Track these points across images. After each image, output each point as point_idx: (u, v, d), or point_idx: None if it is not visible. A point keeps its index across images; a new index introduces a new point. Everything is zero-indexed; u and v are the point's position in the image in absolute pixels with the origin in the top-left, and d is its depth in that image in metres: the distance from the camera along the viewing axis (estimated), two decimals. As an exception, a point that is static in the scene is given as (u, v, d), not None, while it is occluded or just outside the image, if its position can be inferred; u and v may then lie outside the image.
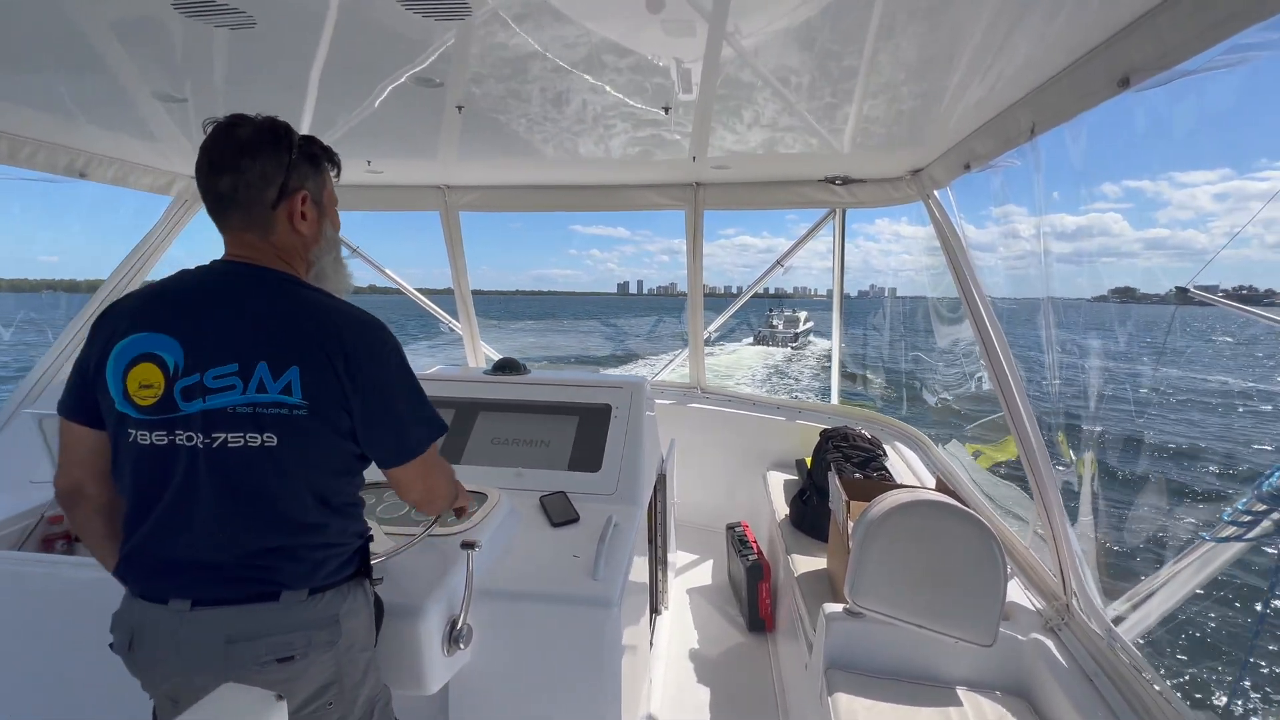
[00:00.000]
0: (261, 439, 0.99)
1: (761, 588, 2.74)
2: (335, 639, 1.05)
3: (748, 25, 1.39)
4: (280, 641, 1.00)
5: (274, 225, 1.08)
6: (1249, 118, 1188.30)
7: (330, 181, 1.20)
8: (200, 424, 0.98)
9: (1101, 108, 1.36)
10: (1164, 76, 1.11)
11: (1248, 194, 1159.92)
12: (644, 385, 2.33)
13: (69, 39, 1.50)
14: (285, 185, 1.07)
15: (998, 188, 2.05)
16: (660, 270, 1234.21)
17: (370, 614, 1.16)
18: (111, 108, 2.04)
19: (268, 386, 0.98)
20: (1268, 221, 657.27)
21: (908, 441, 3.19)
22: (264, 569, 1.01)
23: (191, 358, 0.99)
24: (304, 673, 1.02)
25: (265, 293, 1.04)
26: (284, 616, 1.01)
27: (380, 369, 1.05)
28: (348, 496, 1.11)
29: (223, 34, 1.46)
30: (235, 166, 1.04)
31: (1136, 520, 8.09)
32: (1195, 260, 55.97)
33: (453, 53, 1.55)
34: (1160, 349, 15.41)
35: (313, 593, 1.04)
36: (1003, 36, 1.35)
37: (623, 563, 1.62)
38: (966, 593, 1.58)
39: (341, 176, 1.27)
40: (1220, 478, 12.94)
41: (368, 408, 1.04)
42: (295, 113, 2.06)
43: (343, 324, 1.04)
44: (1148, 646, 1.47)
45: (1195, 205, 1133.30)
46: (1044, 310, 1.70)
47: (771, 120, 2.10)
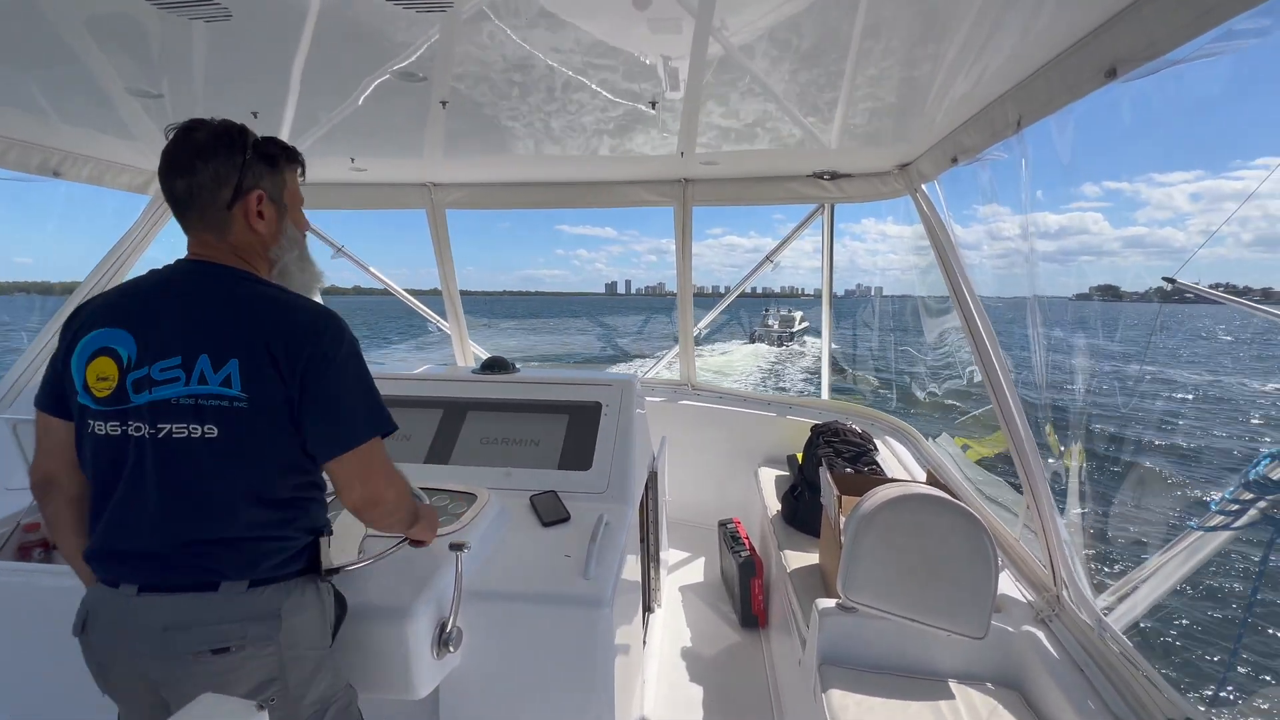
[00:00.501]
0: (203, 430, 1.01)
1: (754, 584, 2.74)
2: (274, 634, 1.04)
3: (734, 21, 1.38)
4: (215, 632, 1.01)
5: (230, 225, 1.11)
6: (1224, 119, 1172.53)
7: (292, 181, 1.20)
8: (148, 415, 1.02)
9: (1086, 100, 1.37)
10: (1151, 66, 1.11)
11: (1222, 194, 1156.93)
12: (634, 383, 2.31)
13: (40, 34, 1.46)
14: (240, 185, 1.10)
15: (985, 183, 2.05)
16: (648, 270, 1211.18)
17: (322, 612, 1.15)
18: (86, 104, 1.99)
19: (208, 378, 1.01)
20: (1243, 220, 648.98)
21: (898, 436, 3.20)
22: (204, 558, 1.03)
23: (143, 351, 1.03)
24: (240, 666, 1.02)
25: (215, 288, 1.07)
26: (221, 607, 1.02)
27: (323, 360, 1.05)
28: (293, 492, 1.10)
29: (200, 28, 1.42)
30: (190, 169, 1.07)
31: (1117, 511, 8.23)
32: (1174, 258, 56.99)
33: (436, 47, 1.52)
34: (1145, 345, 15.82)
35: (253, 585, 1.05)
36: (988, 30, 1.35)
37: (614, 562, 1.60)
38: (958, 586, 1.58)
39: (323, 174, 1.26)
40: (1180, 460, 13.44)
41: (305, 396, 1.05)
42: (276, 109, 2.02)
43: (288, 316, 1.06)
44: (1138, 635, 1.48)
45: (1172, 205, 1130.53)
46: (1030, 307, 1.70)
47: (759, 116, 2.10)
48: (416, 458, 2.11)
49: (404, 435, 2.21)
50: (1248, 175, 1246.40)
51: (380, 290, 4.15)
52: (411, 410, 2.28)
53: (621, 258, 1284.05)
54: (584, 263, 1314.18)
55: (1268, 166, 3.63)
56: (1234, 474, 3.14)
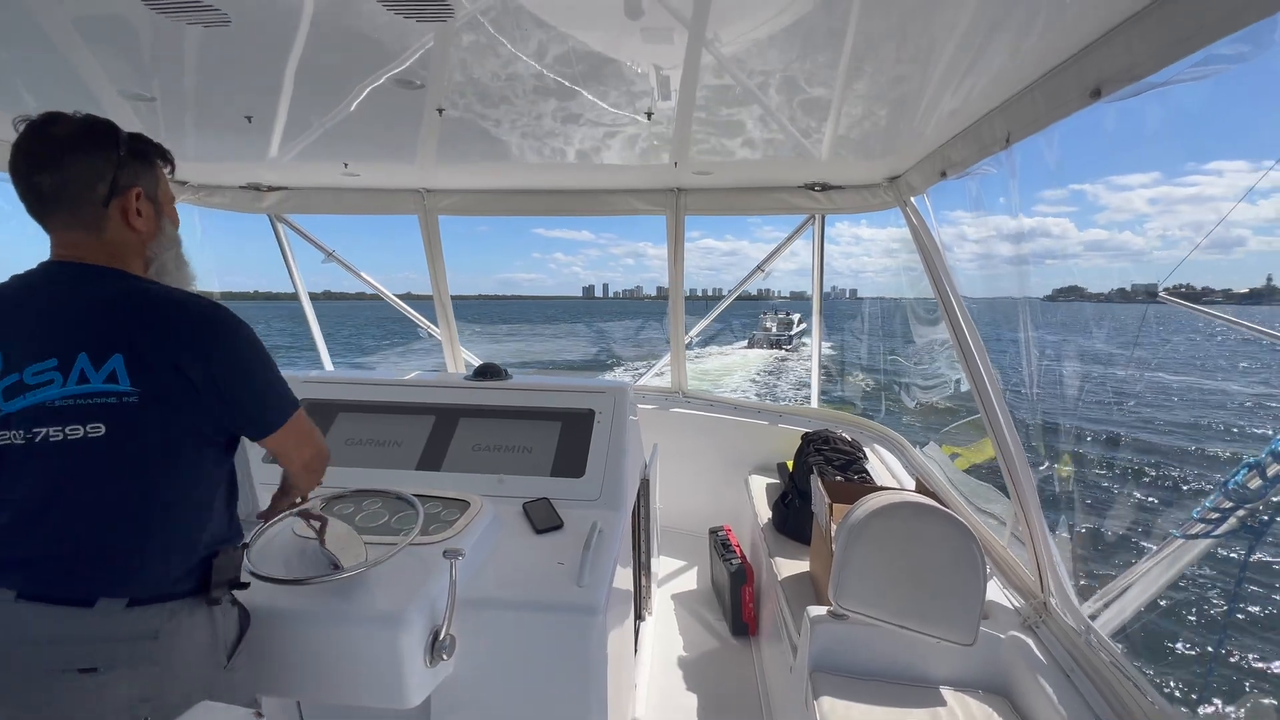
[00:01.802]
0: (85, 430, 0.97)
1: (745, 592, 2.75)
2: (150, 655, 0.99)
3: (727, 33, 1.40)
4: (84, 651, 0.96)
5: (105, 223, 1.07)
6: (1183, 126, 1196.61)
7: (164, 178, 1.18)
8: (19, 421, 0.97)
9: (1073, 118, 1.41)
10: (1134, 88, 1.15)
11: (1174, 198, 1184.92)
12: (627, 390, 2.32)
13: (29, 33, 1.45)
14: (116, 182, 1.06)
15: (973, 194, 2.09)
16: (626, 274, 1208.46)
17: (213, 633, 1.10)
18: (75, 106, 1.97)
19: (90, 377, 0.97)
20: (1196, 224, 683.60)
21: (886, 444, 3.23)
22: (82, 570, 0.98)
23: (9, 358, 0.98)
24: (106, 686, 0.96)
25: (90, 287, 1.03)
26: (94, 625, 0.97)
27: (224, 345, 1.06)
28: (187, 499, 1.07)
29: (195, 31, 1.42)
30: (56, 164, 1.02)
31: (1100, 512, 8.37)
32: (1133, 260, 57.53)
33: (434, 55, 1.53)
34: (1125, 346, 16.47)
35: (133, 604, 0.99)
36: (976, 49, 1.38)
37: (607, 569, 1.60)
38: (948, 593, 1.60)
39: (315, 178, 1.27)
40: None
41: (226, 381, 1.04)
42: (270, 113, 2.01)
43: (176, 307, 1.04)
44: (1124, 642, 1.50)
45: (1131, 208, 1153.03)
46: (1022, 313, 1.74)
47: (751, 127, 2.12)
48: (408, 465, 2.10)
49: (395, 442, 2.20)
50: (1201, 180, 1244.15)
51: (359, 295, 4.13)
52: (403, 417, 2.27)
53: (599, 261, 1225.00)
54: (561, 266, 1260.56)
55: (1220, 171, 3.69)
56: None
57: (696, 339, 4.01)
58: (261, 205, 3.32)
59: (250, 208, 3.33)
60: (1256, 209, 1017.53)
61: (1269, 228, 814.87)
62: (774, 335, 49.56)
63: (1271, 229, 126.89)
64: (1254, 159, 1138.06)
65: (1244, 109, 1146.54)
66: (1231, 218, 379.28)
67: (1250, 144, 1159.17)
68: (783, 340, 48.44)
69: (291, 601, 1.31)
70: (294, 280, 4.01)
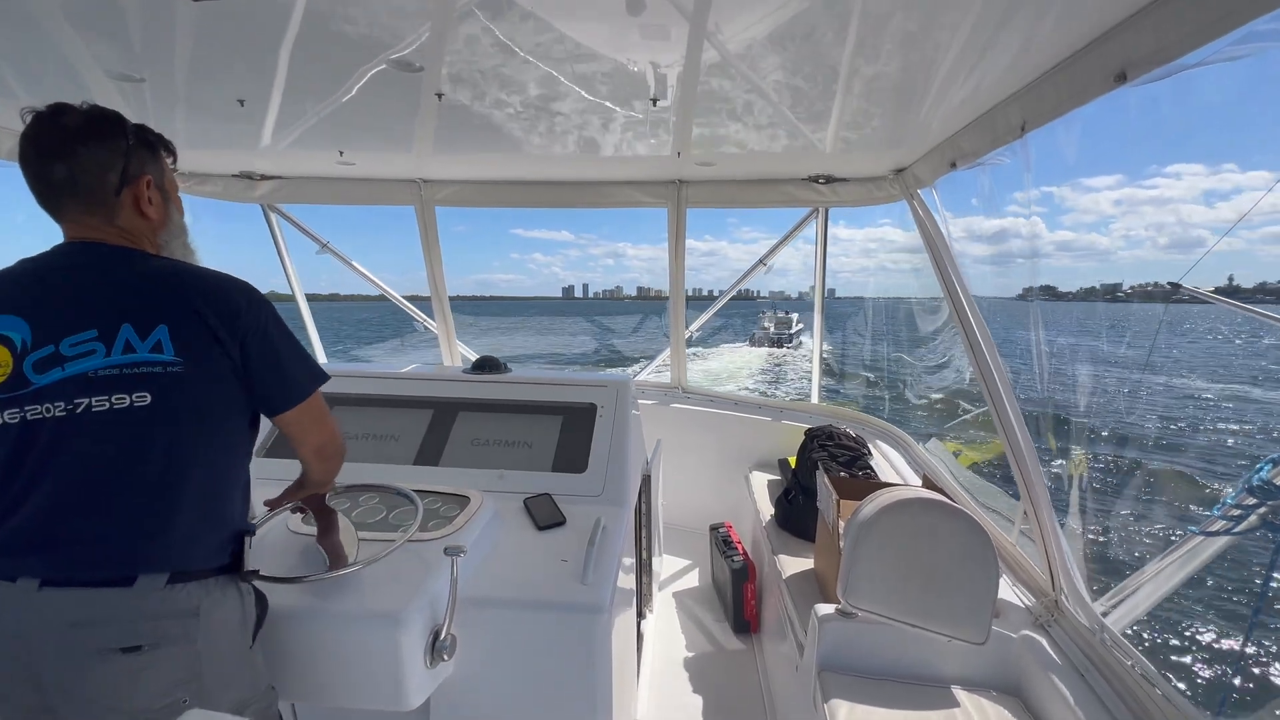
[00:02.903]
0: (131, 399, 0.98)
1: (747, 589, 2.72)
2: (192, 633, 1.00)
3: (729, 25, 1.37)
4: (128, 629, 0.96)
5: (118, 210, 1.08)
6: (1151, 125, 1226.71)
7: (169, 168, 1.20)
8: (60, 392, 0.97)
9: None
10: (1162, 71, 1.11)
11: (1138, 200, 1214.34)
12: (629, 384, 2.28)
13: (12, 11, 1.39)
14: (126, 170, 1.08)
15: (982, 186, 2.06)
16: (605, 274, 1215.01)
17: (243, 613, 1.12)
18: (60, 88, 1.91)
19: (135, 346, 0.99)
20: (1158, 225, 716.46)
21: (889, 440, 3.20)
22: (121, 547, 0.98)
23: (41, 331, 0.98)
24: (151, 665, 0.97)
25: (118, 263, 1.05)
26: (137, 603, 0.97)
27: (255, 317, 1.08)
28: (230, 472, 1.10)
29: (186, 8, 1.36)
30: (69, 153, 1.03)
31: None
32: (1099, 260, 58.44)
33: (435, 37, 1.48)
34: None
35: (173, 580, 1.00)
36: (990, 35, 1.34)
37: (611, 566, 1.56)
38: (959, 591, 1.57)
39: (309, 167, 1.23)
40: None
41: (249, 353, 1.06)
42: (263, 97, 1.95)
43: (207, 280, 1.07)
44: (1138, 640, 1.47)
45: (1097, 209, 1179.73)
46: (1033, 311, 1.71)
47: (753, 118, 2.09)
48: (405, 459, 2.05)
49: (392, 436, 2.15)
50: (1162, 183, 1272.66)
51: (346, 296, 4.07)
52: (400, 410, 2.22)
53: (578, 261, 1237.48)
54: (540, 266, 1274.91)
55: (1179, 175, 3.67)
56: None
57: (697, 333, 3.97)
58: (254, 194, 3.25)
59: (242, 197, 3.26)
60: (1215, 211, 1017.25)
61: (1226, 229, 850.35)
62: (773, 334, 50.03)
63: (1231, 230, 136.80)
64: (1210, 163, 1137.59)
65: (1207, 113, 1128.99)
66: (1190, 219, 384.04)
67: (1204, 148, 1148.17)
68: (783, 339, 48.86)
69: (286, 600, 1.26)
70: (287, 274, 3.94)
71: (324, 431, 1.23)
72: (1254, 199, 11.90)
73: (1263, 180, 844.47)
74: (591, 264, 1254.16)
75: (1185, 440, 19.31)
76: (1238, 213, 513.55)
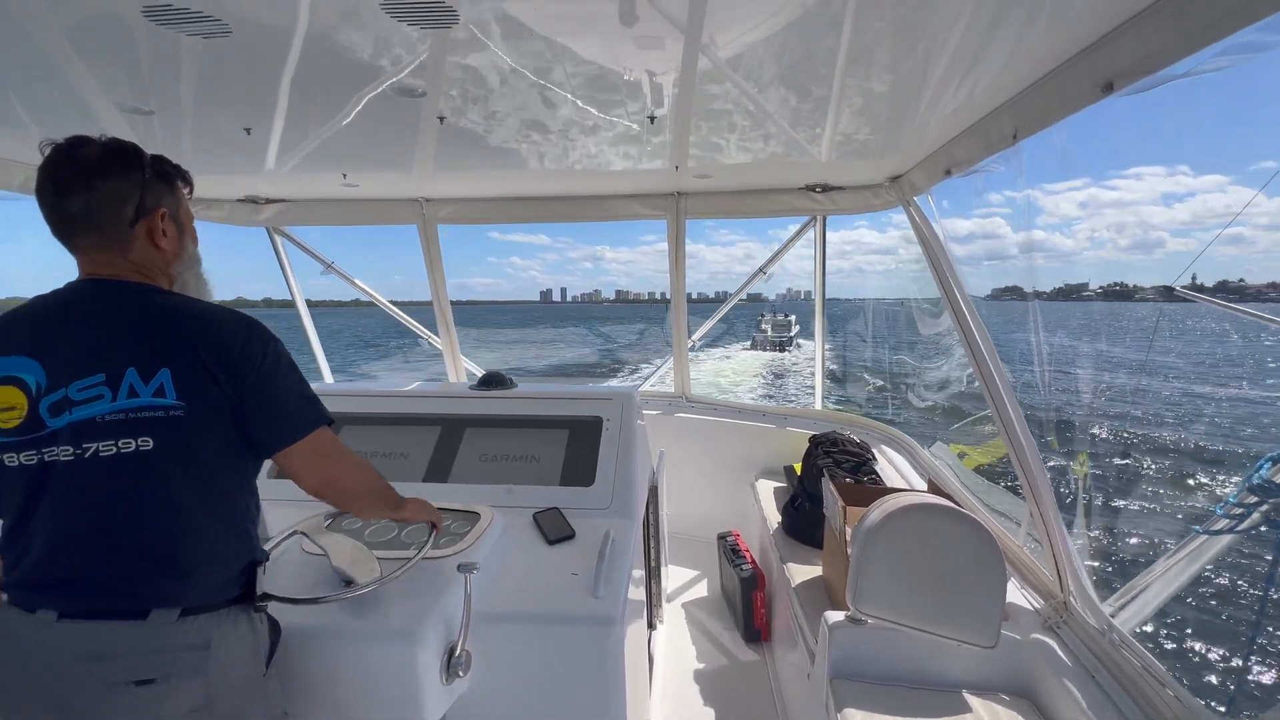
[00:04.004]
0: (136, 443, 0.99)
1: (756, 597, 2.72)
2: (203, 665, 1.02)
3: (723, 37, 1.40)
4: (140, 663, 0.98)
5: (132, 243, 1.09)
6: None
7: (185, 199, 1.21)
8: (69, 437, 0.99)
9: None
10: (1148, 81, 1.14)
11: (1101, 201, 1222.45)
12: (634, 396, 2.30)
13: (25, 47, 1.43)
14: (142, 203, 1.09)
15: (974, 192, 2.09)
16: (584, 277, 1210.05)
17: (255, 642, 1.13)
18: (71, 122, 1.95)
19: (139, 391, 1.00)
20: (1119, 226, 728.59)
21: (894, 445, 3.21)
22: (134, 583, 1.00)
23: (54, 374, 1.00)
24: (164, 698, 0.98)
25: (126, 303, 1.06)
26: (148, 637, 0.99)
27: (255, 358, 1.08)
28: (236, 508, 1.11)
29: (194, 42, 1.40)
30: (86, 186, 1.04)
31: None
32: (1063, 261, 58.78)
33: (436, 62, 1.52)
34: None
35: (185, 614, 1.02)
36: (979, 45, 1.37)
37: (622, 579, 1.58)
38: (967, 595, 1.58)
39: (313, 189, 1.25)
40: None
41: (245, 394, 1.06)
42: (267, 123, 1.99)
43: (211, 321, 1.07)
44: (1148, 640, 1.48)
45: (1060, 212, 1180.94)
46: (1033, 312, 1.73)
47: (750, 130, 2.12)
48: (414, 476, 2.07)
49: (400, 453, 2.17)
50: (1121, 185, 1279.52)
51: (350, 302, 4.10)
52: (407, 428, 2.25)
53: (557, 265, 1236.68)
54: (518, 270, 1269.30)
55: (1139, 175, 3.69)
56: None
57: (698, 343, 3.99)
58: (259, 218, 3.30)
59: (248, 220, 3.30)
60: (1173, 212, 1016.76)
61: (1185, 230, 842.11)
62: (771, 337, 49.94)
63: (1187, 231, 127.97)
64: (1168, 164, 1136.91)
65: (1167, 117, 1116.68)
66: (1150, 220, 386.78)
67: (1169, 150, 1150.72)
68: (782, 342, 48.74)
69: (303, 620, 1.28)
70: (293, 293, 3.98)
71: (322, 473, 1.17)
72: (1205, 201, 12.04)
73: (1215, 183, 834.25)
74: (570, 267, 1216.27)
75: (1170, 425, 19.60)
76: (1193, 214, 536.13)
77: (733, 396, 21.70)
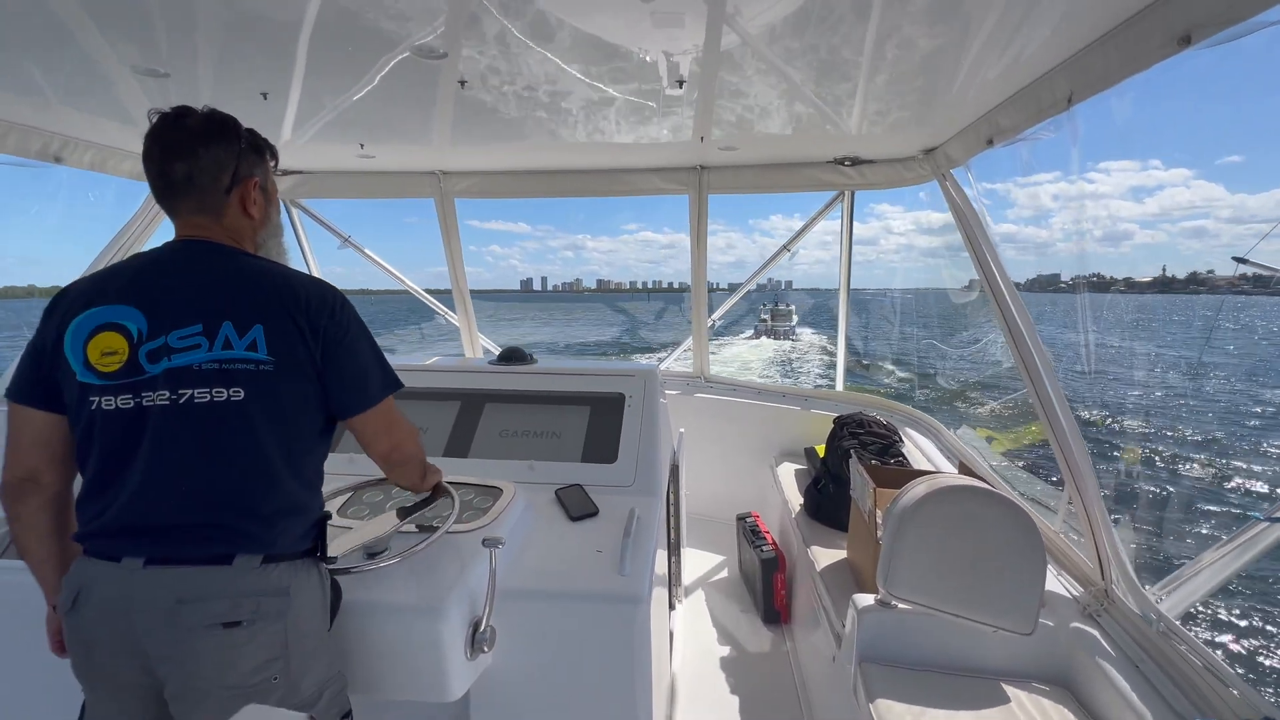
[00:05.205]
0: (228, 393, 1.03)
1: (776, 579, 2.69)
2: (284, 610, 1.05)
3: (749, 5, 1.33)
4: (230, 605, 1.01)
5: (226, 209, 1.15)
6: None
7: (271, 171, 1.27)
8: (166, 382, 1.02)
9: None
10: (1234, 31, 1.04)
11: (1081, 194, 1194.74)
12: (656, 373, 2.25)
13: (40, 10, 1.38)
14: (237, 172, 1.15)
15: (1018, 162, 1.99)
16: (565, 266, 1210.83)
17: (324, 596, 1.16)
18: (88, 87, 1.91)
19: (234, 344, 1.04)
20: (1094, 219, 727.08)
21: (919, 427, 3.14)
22: (222, 529, 1.03)
23: (154, 322, 1.04)
24: (250, 640, 1.02)
25: (223, 261, 1.11)
26: (236, 580, 1.02)
27: (339, 323, 1.13)
28: (310, 464, 1.15)
29: (208, 4, 1.35)
30: (191, 153, 1.10)
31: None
32: (1037, 253, 58.00)
33: (454, 24, 1.46)
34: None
35: (266, 560, 1.05)
36: (1028, 3, 1.28)
37: (647, 557, 1.54)
38: (1004, 580, 1.53)
39: (330, 161, 1.24)
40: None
41: (329, 357, 1.11)
42: (284, 89, 1.94)
43: (300, 284, 1.12)
44: (1195, 628, 1.42)
45: (1037, 204, 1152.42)
46: (1080, 303, 1.64)
47: (776, 99, 2.04)
48: (434, 451, 2.05)
49: (421, 427, 2.14)
50: (1095, 177, 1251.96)
51: (358, 291, 4.07)
52: (427, 402, 2.22)
53: (537, 254, 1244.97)
54: (497, 259, 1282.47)
55: (1107, 171, 3.49)
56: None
57: (718, 323, 3.92)
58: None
59: (264, 193, 3.27)
60: (1142, 206, 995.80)
61: (1153, 222, 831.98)
62: (772, 325, 50.12)
63: (1154, 223, 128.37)
64: (1139, 158, 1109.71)
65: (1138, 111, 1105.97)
66: (1119, 214, 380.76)
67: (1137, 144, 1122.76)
68: (783, 330, 48.92)
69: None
70: (310, 270, 3.96)
71: (392, 438, 1.24)
72: (1173, 195, 11.66)
73: (1182, 176, 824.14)
74: (550, 256, 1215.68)
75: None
76: (1162, 207, 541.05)
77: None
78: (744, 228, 66.77)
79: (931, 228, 74.11)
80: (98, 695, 1.06)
